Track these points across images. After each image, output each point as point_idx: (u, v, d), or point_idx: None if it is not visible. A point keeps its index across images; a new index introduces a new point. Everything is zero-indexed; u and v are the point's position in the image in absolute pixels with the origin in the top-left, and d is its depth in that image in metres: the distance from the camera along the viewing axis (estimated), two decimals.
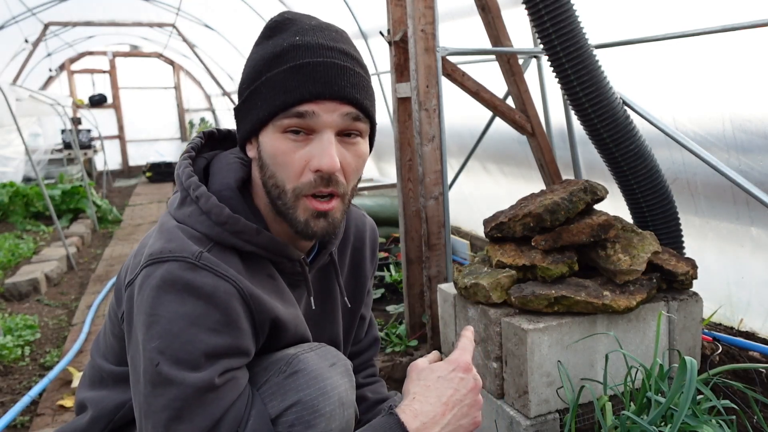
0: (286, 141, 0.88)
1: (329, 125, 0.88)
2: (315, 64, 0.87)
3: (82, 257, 5.08)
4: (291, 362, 0.91)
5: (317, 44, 0.89)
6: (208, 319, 0.83)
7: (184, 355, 0.82)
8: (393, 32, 2.35)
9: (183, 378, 0.81)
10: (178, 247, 0.86)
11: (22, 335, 3.10)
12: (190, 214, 0.92)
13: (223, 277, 0.85)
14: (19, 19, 7.27)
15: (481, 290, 1.67)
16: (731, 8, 2.03)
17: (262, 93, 0.89)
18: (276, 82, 0.88)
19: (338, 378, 0.92)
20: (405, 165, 2.43)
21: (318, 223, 0.92)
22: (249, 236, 0.92)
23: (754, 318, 2.40)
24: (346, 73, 0.89)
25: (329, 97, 0.87)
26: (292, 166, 0.89)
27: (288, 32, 0.91)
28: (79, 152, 7.37)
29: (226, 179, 0.97)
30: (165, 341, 0.82)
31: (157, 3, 8.11)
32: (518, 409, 1.60)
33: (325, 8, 5.17)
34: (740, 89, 2.13)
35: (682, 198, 2.42)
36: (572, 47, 1.89)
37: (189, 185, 0.94)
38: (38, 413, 2.33)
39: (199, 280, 0.84)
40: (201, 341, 0.82)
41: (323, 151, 0.87)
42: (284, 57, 0.88)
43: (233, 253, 0.92)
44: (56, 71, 11.34)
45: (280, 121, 0.88)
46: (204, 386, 0.82)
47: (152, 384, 0.83)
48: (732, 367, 1.53)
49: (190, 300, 0.83)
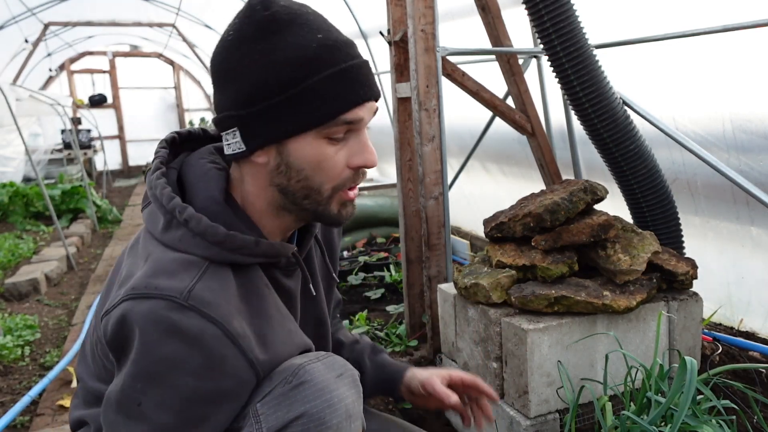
0: (329, 146, 0.89)
1: (366, 124, 0.92)
2: (353, 67, 0.88)
3: (82, 257, 5.08)
4: (297, 372, 0.89)
5: (343, 42, 0.88)
6: (191, 363, 0.81)
7: (165, 399, 0.82)
8: (393, 32, 2.35)
9: (158, 420, 0.82)
10: (165, 284, 0.82)
11: (22, 335, 3.10)
12: (180, 238, 0.88)
13: (210, 320, 0.82)
14: (19, 19, 7.27)
15: (481, 290, 1.67)
16: (731, 8, 2.03)
17: (305, 101, 0.85)
18: (322, 89, 0.85)
19: (345, 389, 0.90)
20: (405, 165, 2.44)
21: (348, 210, 0.96)
22: (249, 250, 0.90)
23: (754, 318, 2.40)
24: (370, 72, 0.92)
25: (370, 99, 0.90)
26: (334, 169, 0.90)
27: (299, 26, 0.86)
28: (79, 152, 7.37)
29: (210, 192, 0.93)
30: (147, 382, 0.82)
31: (157, 3, 8.11)
32: (518, 409, 1.60)
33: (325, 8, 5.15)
34: (740, 89, 2.13)
35: (682, 198, 2.42)
36: (572, 47, 1.89)
37: (173, 208, 0.89)
38: (38, 413, 2.33)
39: (185, 322, 0.80)
40: (183, 385, 0.82)
41: (366, 149, 0.91)
42: (320, 60, 0.85)
43: (229, 272, 0.89)
44: (56, 71, 11.35)
45: (327, 129, 0.87)
46: (172, 430, 0.83)
47: (128, 416, 0.84)
48: (732, 367, 1.53)
49: (174, 342, 0.80)
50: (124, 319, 0.82)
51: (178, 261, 0.86)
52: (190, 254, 0.87)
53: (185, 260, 0.86)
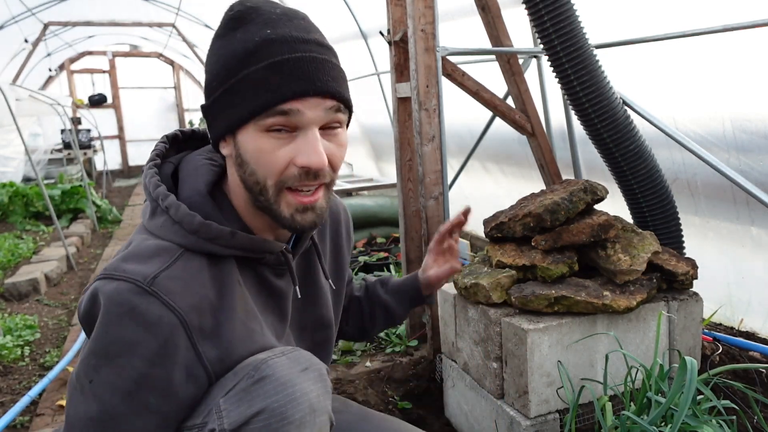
0: (269, 139, 0.87)
1: (313, 121, 0.87)
2: (295, 60, 0.85)
3: (82, 257, 5.08)
4: (259, 367, 0.88)
5: (292, 37, 0.87)
6: (145, 348, 0.83)
7: (115, 379, 0.83)
8: (393, 32, 2.35)
9: (108, 401, 0.83)
10: (133, 268, 0.84)
11: (21, 335, 3.10)
12: (161, 224, 0.91)
13: (170, 308, 0.83)
14: (19, 19, 7.27)
15: (481, 290, 1.67)
16: (731, 8, 2.03)
17: (240, 91, 0.87)
18: (255, 80, 0.85)
19: (309, 384, 0.89)
20: (405, 165, 2.43)
21: (305, 217, 0.92)
22: (225, 241, 0.91)
23: (754, 318, 2.40)
24: (326, 67, 0.88)
25: (313, 94, 0.86)
26: (275, 164, 0.88)
27: (255, 24, 0.88)
28: (79, 152, 7.37)
29: (196, 184, 0.95)
30: (101, 360, 0.83)
31: (157, 3, 8.11)
32: (518, 409, 1.60)
33: (325, 8, 5.17)
34: (740, 89, 2.13)
35: (682, 198, 2.42)
36: (572, 47, 1.89)
37: (157, 195, 0.92)
38: (38, 413, 2.33)
39: (143, 307, 0.82)
40: (134, 368, 0.83)
41: (311, 149, 0.87)
42: (260, 53, 0.86)
43: (203, 263, 0.90)
44: (56, 71, 11.34)
45: (263, 121, 0.86)
46: (120, 415, 0.84)
47: (82, 391, 0.85)
48: (732, 367, 1.53)
49: (131, 325, 0.82)
50: (93, 298, 0.85)
51: (152, 247, 0.88)
52: (168, 241, 0.89)
53: (160, 247, 0.89)
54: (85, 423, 0.85)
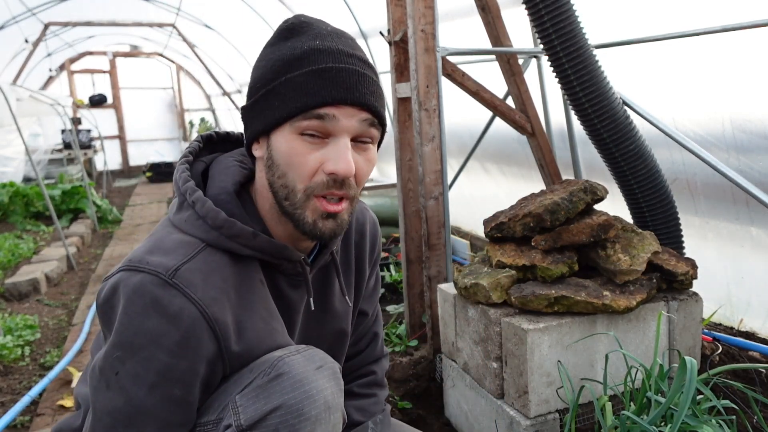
0: (302, 142, 0.89)
1: (347, 130, 0.89)
2: (338, 69, 0.89)
3: (82, 257, 5.08)
4: (276, 365, 0.90)
5: (338, 50, 0.90)
6: (168, 339, 0.84)
7: (140, 371, 0.85)
8: (393, 32, 2.35)
9: (134, 393, 0.85)
10: (157, 260, 0.86)
11: (22, 335, 3.10)
12: (186, 218, 0.93)
13: (191, 300, 0.85)
14: (19, 19, 7.27)
15: (481, 290, 1.67)
16: (731, 8, 2.03)
17: (281, 93, 0.90)
18: (297, 83, 0.88)
19: (324, 381, 0.91)
20: (405, 165, 2.43)
21: (326, 224, 0.93)
22: (245, 240, 0.92)
23: (754, 318, 2.40)
24: (365, 81, 0.91)
25: (350, 103, 0.89)
26: (305, 167, 0.90)
27: (306, 35, 0.92)
28: (79, 152, 7.37)
29: (224, 183, 0.98)
30: (127, 352, 0.85)
31: (157, 3, 8.11)
32: (518, 409, 1.60)
33: (325, 8, 5.17)
34: (740, 89, 2.13)
35: (682, 198, 2.42)
36: (572, 47, 1.89)
37: (185, 190, 0.95)
38: (38, 413, 2.33)
39: (166, 299, 0.84)
40: (158, 360, 0.84)
41: (340, 156, 0.88)
42: (305, 59, 0.89)
43: (225, 259, 0.92)
44: (56, 71, 11.34)
45: (299, 123, 0.88)
46: (145, 407, 0.85)
47: (107, 385, 0.86)
48: (732, 367, 1.53)
49: (155, 317, 0.84)
50: (115, 289, 0.86)
51: (176, 241, 0.91)
52: (191, 236, 0.91)
53: (183, 241, 0.91)
54: (113, 416, 0.86)
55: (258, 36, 7.48)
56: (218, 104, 13.04)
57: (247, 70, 9.33)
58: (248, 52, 8.80)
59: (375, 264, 1.29)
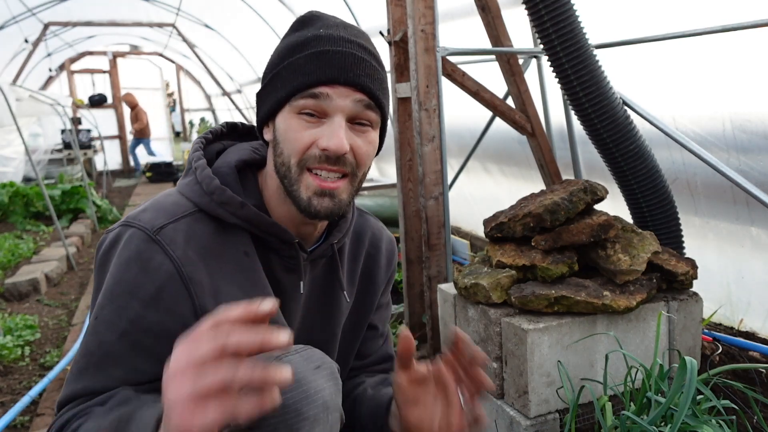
0: (299, 120, 0.93)
1: (341, 109, 0.92)
2: (334, 52, 0.92)
3: (82, 257, 5.08)
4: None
5: (339, 36, 0.94)
6: (143, 291, 0.89)
7: (115, 318, 0.89)
8: (393, 32, 2.35)
9: (106, 338, 0.89)
10: (148, 217, 0.92)
11: (22, 335, 3.10)
12: (187, 182, 0.99)
13: (169, 256, 0.90)
14: (19, 19, 7.28)
15: (481, 290, 1.67)
16: (731, 8, 2.03)
17: (283, 76, 0.94)
18: (297, 66, 0.93)
19: (323, 381, 0.91)
20: (405, 165, 2.43)
21: (322, 202, 0.94)
22: (233, 208, 0.95)
23: (754, 318, 2.40)
24: (362, 64, 0.94)
25: (343, 83, 0.92)
26: (299, 142, 0.93)
27: (314, 26, 0.97)
28: (79, 152, 7.37)
29: (228, 159, 1.03)
30: (106, 299, 0.90)
31: (157, 3, 8.11)
32: (518, 409, 1.60)
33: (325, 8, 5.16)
34: (740, 89, 2.13)
35: (682, 198, 2.42)
36: (572, 47, 1.89)
37: (192, 158, 1.01)
38: (38, 413, 2.33)
39: (147, 254, 0.89)
40: (131, 309, 0.88)
41: (333, 132, 0.91)
42: (307, 45, 0.94)
43: (211, 225, 0.96)
44: (56, 71, 11.35)
45: (296, 102, 0.92)
46: (115, 352, 0.89)
47: (91, 327, 0.91)
48: (732, 367, 1.53)
49: (135, 269, 0.89)
50: (113, 240, 0.92)
51: (171, 202, 0.96)
52: (187, 198, 0.96)
53: (177, 203, 0.96)
54: (87, 357, 0.90)
55: (258, 36, 7.48)
56: (218, 104, 13.05)
57: (247, 70, 9.35)
58: (248, 52, 8.80)
59: (390, 281, 1.28)
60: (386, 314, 1.32)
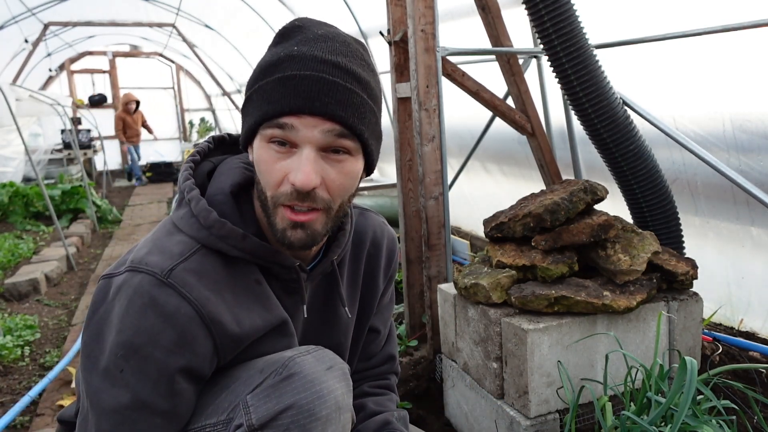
0: (270, 151, 0.88)
1: (309, 141, 0.86)
2: (301, 77, 0.85)
3: (82, 257, 5.08)
4: (287, 365, 0.91)
5: (311, 56, 0.87)
6: (165, 337, 0.86)
7: (143, 368, 0.87)
8: (393, 32, 2.35)
9: (139, 389, 0.87)
10: (155, 260, 0.89)
11: (21, 335, 3.10)
12: (182, 216, 0.95)
13: (186, 299, 0.87)
14: (19, 19, 7.27)
15: (481, 290, 1.67)
16: (731, 8, 2.03)
17: (254, 101, 0.90)
18: (264, 92, 0.88)
19: (335, 382, 0.92)
20: (405, 165, 2.43)
21: (295, 234, 0.91)
22: (234, 241, 0.92)
23: (754, 318, 2.40)
24: (334, 89, 0.86)
25: (309, 113, 0.85)
26: (272, 175, 0.89)
27: (292, 41, 0.90)
28: (79, 152, 7.37)
29: (222, 183, 0.98)
30: (129, 351, 0.86)
31: (157, 3, 8.11)
32: (518, 409, 1.60)
33: (325, 8, 5.17)
34: (740, 89, 2.13)
35: (682, 198, 2.42)
36: (572, 47, 1.89)
37: (184, 188, 0.97)
38: (38, 413, 2.33)
39: (162, 299, 0.86)
40: (156, 359, 0.86)
41: (299, 168, 0.86)
42: (277, 67, 0.88)
43: (218, 258, 0.93)
44: (56, 71, 11.34)
45: (265, 131, 0.88)
46: (150, 401, 0.87)
47: (113, 382, 0.87)
48: (732, 367, 1.53)
49: (151, 316, 0.86)
50: (119, 287, 0.88)
51: (174, 241, 0.92)
52: (187, 235, 0.93)
53: (180, 241, 0.92)
54: (120, 412, 0.88)
55: (258, 36, 7.48)
56: (218, 104, 13.04)
57: (247, 70, 9.34)
58: (248, 52, 8.80)
59: (390, 281, 1.28)
60: (388, 314, 1.32)
